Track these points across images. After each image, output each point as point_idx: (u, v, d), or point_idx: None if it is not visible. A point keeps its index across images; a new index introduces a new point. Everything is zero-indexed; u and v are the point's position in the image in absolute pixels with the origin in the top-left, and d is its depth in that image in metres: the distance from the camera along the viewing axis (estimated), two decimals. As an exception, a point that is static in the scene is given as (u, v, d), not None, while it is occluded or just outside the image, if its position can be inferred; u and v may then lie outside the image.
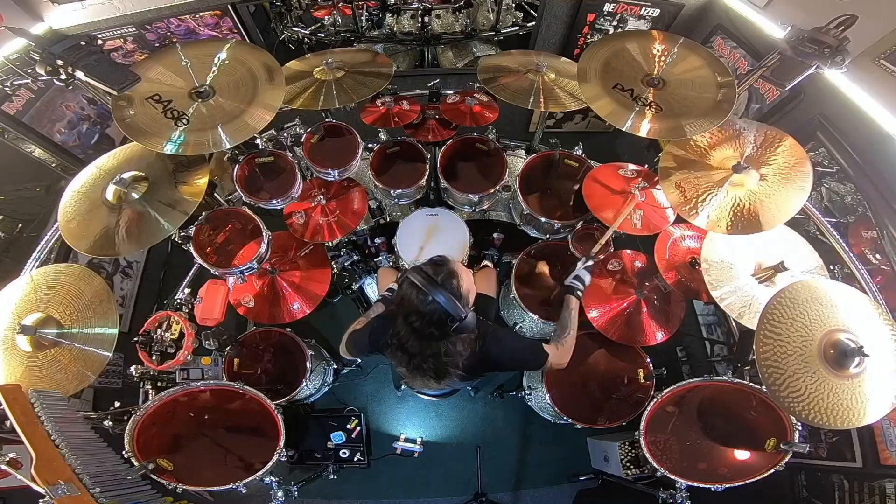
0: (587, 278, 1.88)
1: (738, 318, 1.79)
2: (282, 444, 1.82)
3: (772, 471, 1.69)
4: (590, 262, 1.92)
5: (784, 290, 1.55)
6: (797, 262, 1.88)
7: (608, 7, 2.89)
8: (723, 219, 1.77)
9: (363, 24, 3.38)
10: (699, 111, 1.82)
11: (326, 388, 2.80)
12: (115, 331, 1.74)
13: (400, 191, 2.30)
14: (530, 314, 2.34)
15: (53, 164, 2.64)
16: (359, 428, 2.77)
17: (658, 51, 1.97)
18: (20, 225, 2.47)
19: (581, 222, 2.24)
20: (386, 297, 1.87)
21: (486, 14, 3.39)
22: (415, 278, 1.33)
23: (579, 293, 1.84)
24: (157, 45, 2.85)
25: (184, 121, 1.74)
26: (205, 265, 1.98)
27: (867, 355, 1.42)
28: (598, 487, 2.80)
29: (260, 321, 2.30)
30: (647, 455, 1.83)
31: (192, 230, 1.97)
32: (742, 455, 1.81)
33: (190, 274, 2.19)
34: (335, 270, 2.42)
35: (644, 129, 1.80)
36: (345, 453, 2.76)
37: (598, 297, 2.20)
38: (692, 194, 1.81)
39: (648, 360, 2.21)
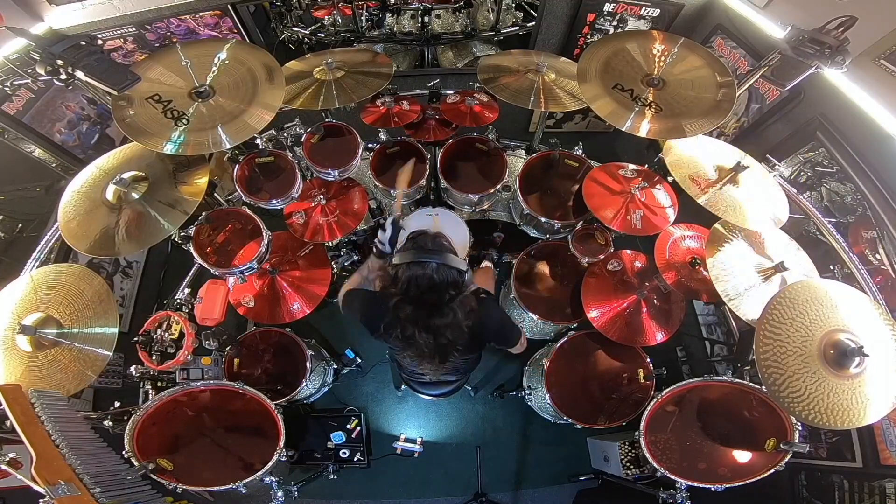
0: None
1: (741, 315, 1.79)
2: (282, 444, 1.82)
3: (772, 471, 1.69)
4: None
5: (784, 290, 1.55)
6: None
7: (608, 7, 2.89)
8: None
9: (363, 24, 3.38)
10: (699, 111, 1.82)
11: (326, 388, 2.80)
12: (115, 331, 1.74)
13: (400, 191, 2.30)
14: (530, 314, 2.34)
15: (53, 164, 2.64)
16: (359, 428, 2.77)
17: (658, 51, 1.97)
18: (20, 225, 2.47)
19: (581, 222, 2.24)
20: (380, 248, 1.67)
21: (486, 14, 3.39)
22: (409, 258, 1.32)
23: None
24: (157, 45, 2.85)
25: (184, 121, 1.74)
26: (205, 265, 1.98)
27: (867, 355, 1.42)
28: (598, 487, 2.80)
29: (260, 321, 2.30)
30: (647, 455, 1.83)
31: (192, 230, 1.97)
32: (742, 455, 1.81)
33: (190, 274, 2.19)
34: (335, 270, 2.42)
35: (644, 129, 1.80)
36: (345, 453, 2.76)
37: (598, 297, 2.21)
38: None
39: (648, 360, 2.21)
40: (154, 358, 1.85)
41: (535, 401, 2.61)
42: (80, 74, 1.61)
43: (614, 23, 2.99)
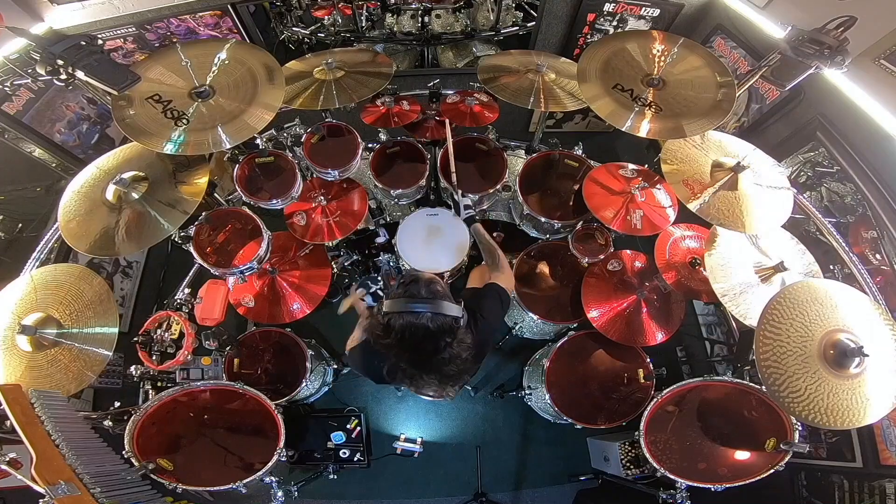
0: (470, 201, 1.82)
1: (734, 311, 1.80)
2: (282, 444, 1.83)
3: (772, 471, 1.70)
4: (458, 191, 1.84)
5: (784, 290, 1.55)
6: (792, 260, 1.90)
7: (608, 7, 2.88)
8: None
9: (363, 24, 3.37)
10: (699, 111, 1.82)
11: (326, 388, 2.80)
12: (115, 331, 1.74)
13: (400, 191, 2.30)
14: (530, 314, 2.34)
15: (53, 164, 2.64)
16: (359, 428, 2.77)
17: (658, 51, 1.97)
18: (20, 225, 2.47)
19: (581, 222, 2.24)
20: (373, 305, 1.75)
21: (486, 14, 3.39)
22: (401, 308, 1.27)
23: (478, 218, 1.83)
24: (157, 45, 2.85)
25: (184, 121, 1.74)
26: (205, 265, 1.99)
27: (867, 355, 1.42)
28: (598, 487, 2.80)
29: (260, 321, 2.30)
30: (647, 455, 1.83)
31: (192, 230, 1.97)
32: (742, 455, 1.81)
33: (190, 274, 2.19)
34: (335, 270, 2.42)
35: (644, 129, 1.80)
36: (345, 453, 2.76)
37: (598, 297, 2.21)
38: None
39: (648, 360, 2.21)
40: (154, 358, 1.85)
41: (535, 401, 2.61)
42: (80, 74, 1.61)
43: (614, 23, 2.98)
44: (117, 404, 1.81)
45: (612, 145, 3.81)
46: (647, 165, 2.17)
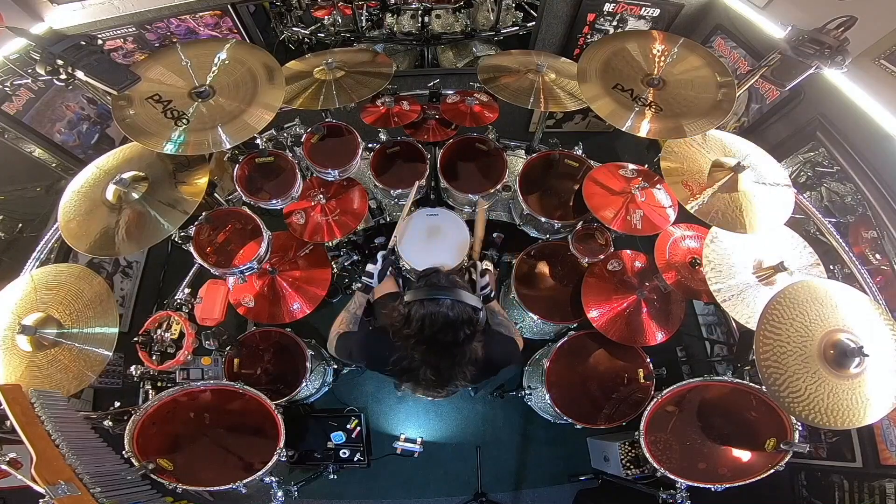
0: (486, 280, 1.79)
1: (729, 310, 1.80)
2: (282, 444, 1.82)
3: (772, 471, 1.70)
4: (478, 269, 1.80)
5: (784, 290, 1.55)
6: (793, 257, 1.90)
7: (608, 7, 2.89)
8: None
9: (363, 24, 3.38)
10: (699, 111, 1.82)
11: (326, 388, 2.80)
12: (115, 331, 1.74)
13: (400, 191, 2.30)
14: (530, 314, 2.34)
15: (53, 164, 2.64)
16: (359, 428, 2.77)
17: (658, 51, 1.97)
18: (20, 225, 2.47)
19: (581, 222, 2.24)
20: (367, 282, 1.76)
21: (486, 14, 3.39)
22: (422, 296, 1.28)
23: (492, 295, 1.80)
24: (157, 45, 2.85)
25: (184, 121, 1.74)
26: (205, 265, 1.98)
27: (867, 355, 1.42)
28: (598, 487, 2.80)
29: (260, 321, 2.30)
30: (647, 455, 1.83)
31: (192, 230, 1.97)
32: (742, 455, 1.81)
33: (190, 274, 2.19)
34: (335, 270, 2.42)
35: (644, 129, 1.80)
36: (345, 453, 2.76)
37: (598, 297, 2.21)
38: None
39: (648, 360, 2.21)
40: (154, 358, 1.85)
41: (535, 401, 2.61)
42: (80, 74, 1.61)
43: (614, 23, 2.99)
44: (117, 404, 1.81)
45: (612, 145, 3.81)
46: (647, 165, 2.17)
